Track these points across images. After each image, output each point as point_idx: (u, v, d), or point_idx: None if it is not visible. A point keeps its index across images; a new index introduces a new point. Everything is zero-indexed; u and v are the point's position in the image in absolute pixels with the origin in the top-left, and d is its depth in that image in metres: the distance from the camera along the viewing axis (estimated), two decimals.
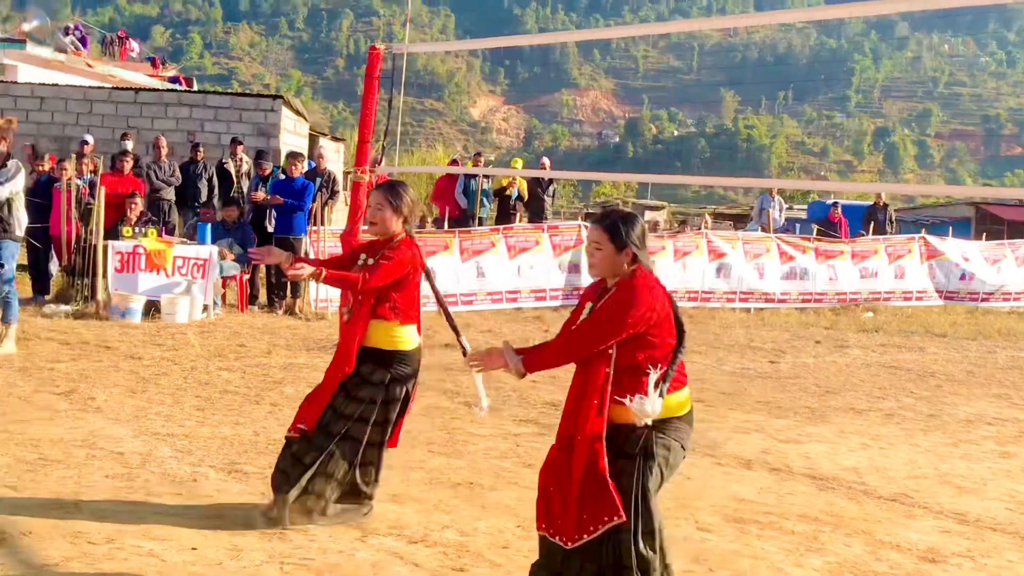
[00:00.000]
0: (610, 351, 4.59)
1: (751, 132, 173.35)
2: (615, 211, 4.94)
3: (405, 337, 6.08)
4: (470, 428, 8.70)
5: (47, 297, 14.34)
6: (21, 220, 10.55)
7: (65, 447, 7.15)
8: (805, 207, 38.58)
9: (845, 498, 7.22)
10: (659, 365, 4.61)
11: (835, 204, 23.12)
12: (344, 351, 6.00)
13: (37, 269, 14.82)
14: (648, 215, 42.38)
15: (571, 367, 4.78)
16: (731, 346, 14.53)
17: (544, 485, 4.77)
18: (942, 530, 6.62)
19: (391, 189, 6.05)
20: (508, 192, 19.62)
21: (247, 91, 25.51)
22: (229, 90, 35.84)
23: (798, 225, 25.92)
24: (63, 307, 13.52)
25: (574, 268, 17.46)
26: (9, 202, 10.31)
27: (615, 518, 4.53)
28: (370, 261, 5.97)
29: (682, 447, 4.75)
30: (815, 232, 21.29)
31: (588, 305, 4.82)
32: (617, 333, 4.56)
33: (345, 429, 5.94)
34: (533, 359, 4.77)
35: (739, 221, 38.62)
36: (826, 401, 10.84)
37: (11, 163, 10.37)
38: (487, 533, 6.02)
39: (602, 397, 4.60)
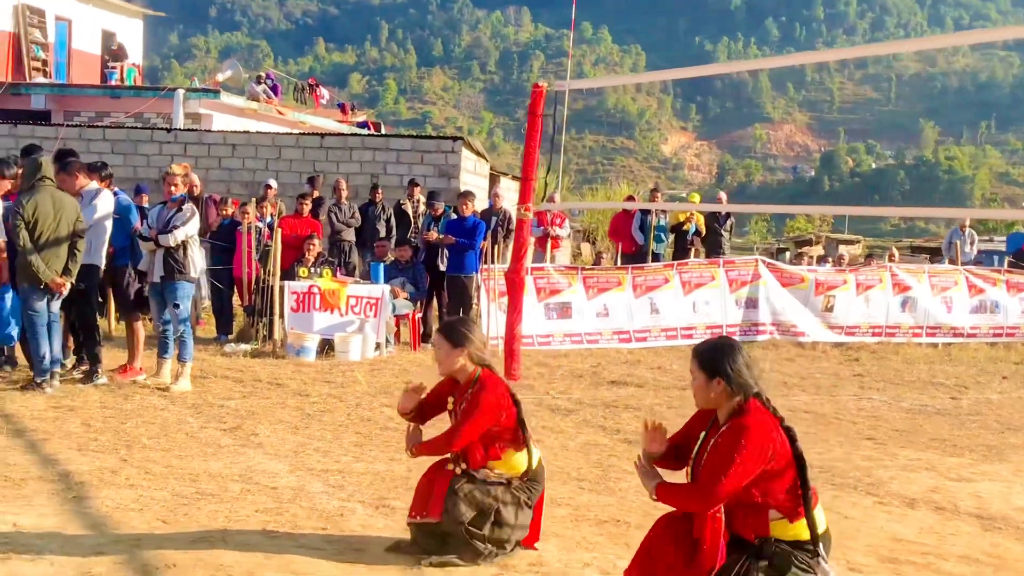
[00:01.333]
0: None
1: (952, 163, 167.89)
2: (712, 340, 4.99)
3: (519, 463, 6.07)
4: (625, 466, 8.58)
5: (230, 337, 14.83)
6: (196, 262, 10.95)
7: (221, 482, 7.34)
8: (1005, 239, 37.09)
9: (1012, 539, 6.86)
10: (783, 500, 4.61)
11: None
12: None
13: (220, 310, 15.33)
14: (842, 249, 41.39)
15: None
16: (912, 382, 14.02)
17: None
18: None
19: (448, 327, 6.15)
20: (686, 227, 19.46)
21: (440, 134, 26.18)
22: (411, 132, 36.56)
23: (996, 258, 24.94)
24: (243, 346, 13.97)
25: (751, 303, 17.17)
26: (184, 244, 10.72)
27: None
28: (458, 404, 6.08)
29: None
30: (1006, 264, 20.41)
31: (702, 435, 4.78)
32: (737, 481, 4.50)
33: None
34: (665, 492, 4.85)
35: (936, 255, 37.38)
36: (1006, 439, 10.34)
37: (186, 207, 10.80)
38: None
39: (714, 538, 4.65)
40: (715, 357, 4.72)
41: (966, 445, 9.94)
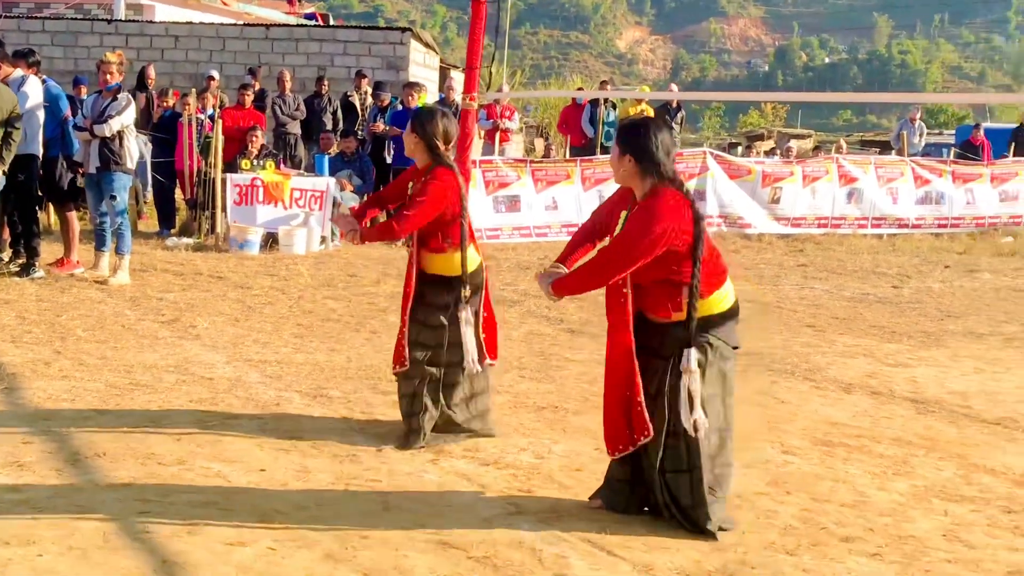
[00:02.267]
0: None
1: (905, 58, 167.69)
2: (633, 119, 4.90)
3: (456, 264, 6.06)
4: (566, 354, 8.60)
5: (172, 231, 14.64)
6: (132, 152, 10.73)
7: (156, 372, 7.27)
8: (953, 133, 37.21)
9: (945, 422, 6.93)
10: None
11: (977, 126, 22.24)
12: (407, 281, 6.05)
13: (162, 203, 15.10)
14: (792, 143, 41.38)
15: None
16: (855, 272, 14.10)
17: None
18: None
19: (416, 116, 6.09)
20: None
21: (389, 26, 25.69)
22: (360, 24, 36.00)
23: (944, 151, 25.02)
24: (185, 240, 13.80)
25: (699, 196, 17.05)
26: (120, 135, 10.49)
27: (643, 437, 4.73)
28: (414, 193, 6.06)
29: (726, 343, 4.78)
30: (952, 155, 20.46)
31: (623, 214, 4.73)
32: (638, 257, 4.49)
33: (426, 357, 5.98)
34: (562, 284, 4.86)
35: (886, 149, 37.48)
36: (945, 326, 10.44)
37: (121, 96, 10.56)
38: (562, 456, 5.93)
39: (625, 316, 4.69)
40: (630, 134, 4.70)
41: (905, 332, 10.03)
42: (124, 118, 10.48)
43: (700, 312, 4.63)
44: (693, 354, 4.62)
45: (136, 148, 10.92)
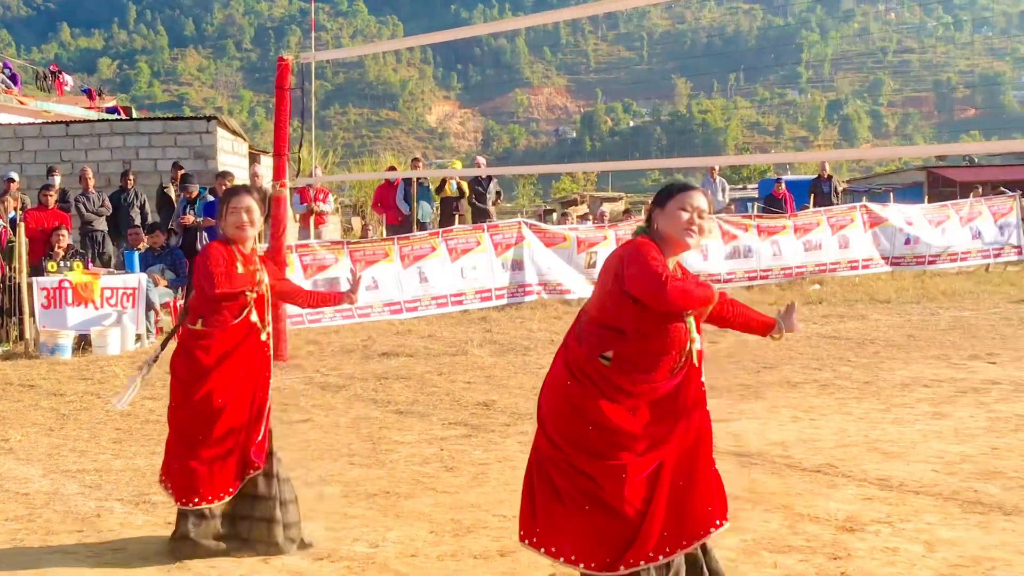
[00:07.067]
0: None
1: (705, 117, 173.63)
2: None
3: None
4: (395, 436, 8.55)
5: None
6: None
7: None
8: (756, 186, 38.57)
9: (768, 473, 7.12)
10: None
11: (779, 180, 23.07)
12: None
13: None
14: (604, 206, 42.24)
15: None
16: None
17: None
18: (864, 497, 6.52)
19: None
20: (446, 190, 19.51)
21: (194, 115, 25.28)
22: (164, 116, 35.50)
23: (750, 205, 25.87)
24: None
25: (517, 265, 17.33)
26: None
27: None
28: None
29: None
30: (756, 210, 21.20)
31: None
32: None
33: None
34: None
35: None
36: (761, 377, 10.75)
37: None
38: (397, 543, 5.87)
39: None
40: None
41: (723, 386, 10.26)
42: None
43: None
44: None
45: None
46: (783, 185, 22.41)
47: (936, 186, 39.16)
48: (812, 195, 21.69)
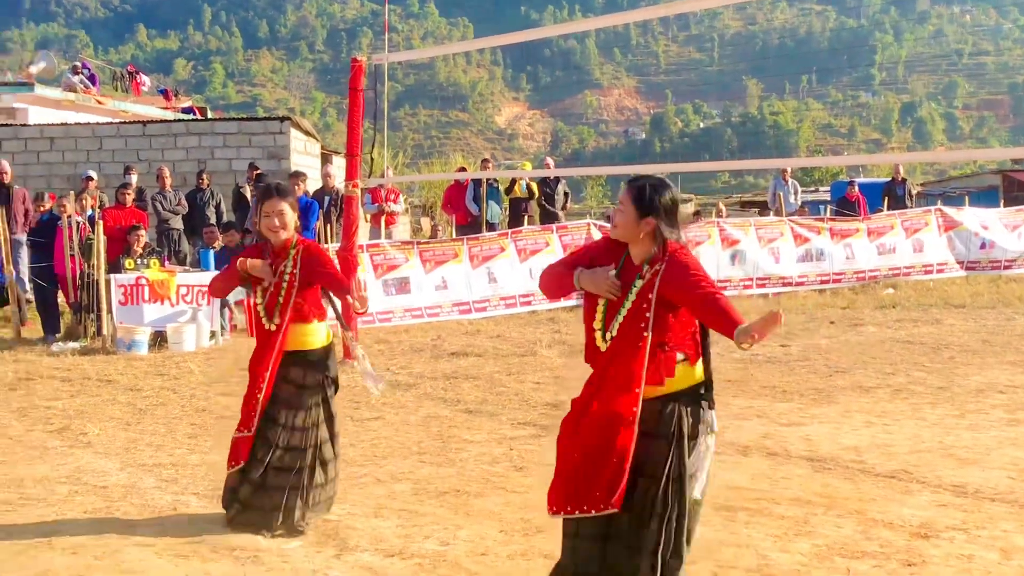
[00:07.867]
0: (646, 333, 4.45)
1: (777, 119, 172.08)
2: (649, 177, 4.61)
3: None
4: (465, 435, 8.59)
5: (57, 336, 14.34)
6: None
7: (48, 485, 7.10)
8: (829, 189, 38.12)
9: (841, 478, 7.06)
10: (689, 343, 4.51)
11: (851, 183, 22.85)
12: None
13: (45, 308, 14.79)
14: None
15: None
16: None
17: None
18: (938, 504, 6.45)
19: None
20: (516, 191, 19.56)
21: (268, 116, 25.48)
22: (238, 116, 35.93)
23: (822, 208, 25.63)
24: (71, 344, 13.54)
25: None
26: None
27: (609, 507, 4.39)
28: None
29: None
30: (829, 212, 21.01)
31: (613, 268, 4.58)
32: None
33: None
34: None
35: (765, 208, 38.24)
36: (833, 381, 10.66)
37: None
38: (467, 541, 5.91)
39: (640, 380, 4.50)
40: (651, 195, 4.48)
41: (796, 390, 10.21)
42: None
43: (686, 380, 4.52)
44: (714, 419, 4.51)
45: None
46: (856, 188, 22.18)
47: (1011, 190, 38.44)
48: (886, 198, 21.46)
